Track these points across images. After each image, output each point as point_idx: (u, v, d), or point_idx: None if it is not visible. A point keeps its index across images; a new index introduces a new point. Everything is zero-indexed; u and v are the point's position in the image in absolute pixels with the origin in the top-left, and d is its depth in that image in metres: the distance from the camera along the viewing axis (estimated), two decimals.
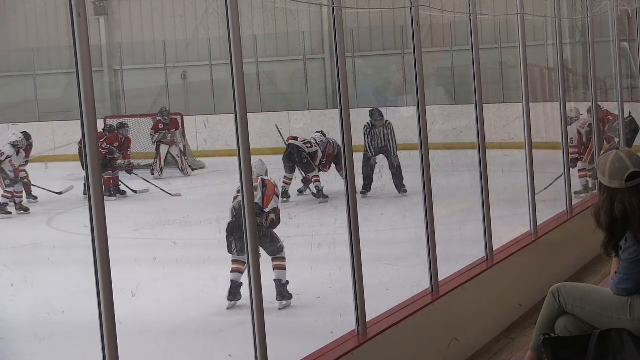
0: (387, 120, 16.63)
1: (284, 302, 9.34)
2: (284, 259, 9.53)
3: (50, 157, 21.33)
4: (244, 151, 5.19)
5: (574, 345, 5.04)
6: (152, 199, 17.43)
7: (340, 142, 6.26)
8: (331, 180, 15.86)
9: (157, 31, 26.83)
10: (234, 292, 9.42)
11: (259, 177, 9.64)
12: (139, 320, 8.77)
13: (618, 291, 5.07)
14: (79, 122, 4.25)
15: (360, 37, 24.48)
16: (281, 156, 16.20)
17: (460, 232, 10.59)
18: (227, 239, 9.50)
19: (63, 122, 22.26)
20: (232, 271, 9.48)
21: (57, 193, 16.86)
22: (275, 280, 9.40)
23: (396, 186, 15.85)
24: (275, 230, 9.70)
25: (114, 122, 19.92)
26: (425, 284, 7.16)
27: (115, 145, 18.21)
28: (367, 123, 16.45)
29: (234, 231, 9.37)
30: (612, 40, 12.91)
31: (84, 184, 17.04)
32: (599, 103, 11.68)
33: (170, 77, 26.35)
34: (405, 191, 15.57)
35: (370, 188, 16.00)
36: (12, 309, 9.64)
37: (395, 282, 8.97)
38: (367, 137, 16.25)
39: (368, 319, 6.22)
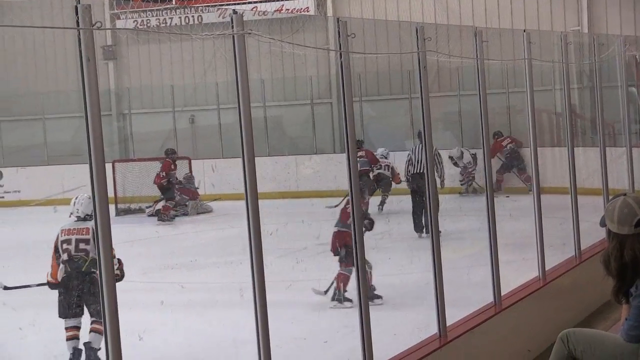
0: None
1: None
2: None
3: (58, 200, 21.33)
4: (252, 195, 5.20)
5: None
6: (159, 243, 17.42)
7: (347, 187, 6.22)
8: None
9: (166, 75, 26.95)
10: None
11: (90, 228, 8.80)
12: None
13: (628, 338, 5.05)
14: (88, 165, 4.26)
15: (367, 81, 24.55)
16: (289, 200, 16.17)
17: (468, 276, 10.55)
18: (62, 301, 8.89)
19: (72, 166, 22.31)
20: (68, 339, 8.93)
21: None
22: (85, 343, 8.86)
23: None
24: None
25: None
26: (433, 329, 7.13)
27: (172, 171, 19.11)
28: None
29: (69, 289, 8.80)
30: (620, 86, 12.93)
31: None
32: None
33: (178, 121, 26.43)
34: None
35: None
36: (20, 353, 9.60)
37: (403, 326, 8.92)
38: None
39: None
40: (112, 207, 18.69)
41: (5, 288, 10.31)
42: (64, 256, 8.88)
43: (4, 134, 26.76)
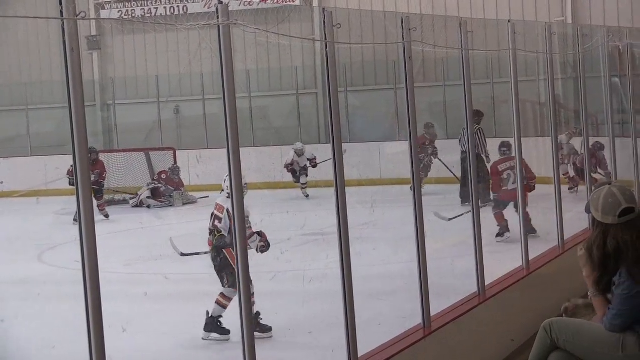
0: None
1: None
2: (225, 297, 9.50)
3: (41, 191, 21.28)
4: (237, 186, 5.19)
5: None
6: (143, 234, 17.38)
7: (332, 177, 6.22)
8: (324, 215, 15.83)
9: (150, 66, 26.89)
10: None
11: (225, 207, 9.42)
12: (130, 356, 8.72)
13: (611, 327, 5.06)
14: (71, 156, 4.24)
15: (353, 71, 24.55)
16: (276, 191, 16.21)
17: (452, 266, 10.57)
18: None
19: (55, 157, 22.24)
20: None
21: None
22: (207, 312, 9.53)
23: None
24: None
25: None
26: (418, 319, 7.14)
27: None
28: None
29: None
30: (603, 76, 12.96)
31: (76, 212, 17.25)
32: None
33: (163, 111, 26.38)
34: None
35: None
36: (2, 345, 9.58)
37: (388, 317, 8.93)
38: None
39: (360, 354, 6.19)
40: None
41: (182, 254, 11.26)
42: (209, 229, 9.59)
43: None
